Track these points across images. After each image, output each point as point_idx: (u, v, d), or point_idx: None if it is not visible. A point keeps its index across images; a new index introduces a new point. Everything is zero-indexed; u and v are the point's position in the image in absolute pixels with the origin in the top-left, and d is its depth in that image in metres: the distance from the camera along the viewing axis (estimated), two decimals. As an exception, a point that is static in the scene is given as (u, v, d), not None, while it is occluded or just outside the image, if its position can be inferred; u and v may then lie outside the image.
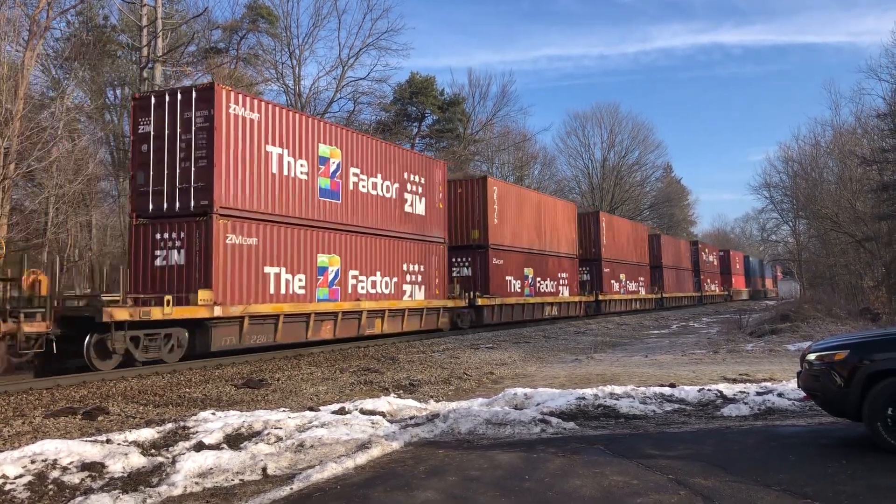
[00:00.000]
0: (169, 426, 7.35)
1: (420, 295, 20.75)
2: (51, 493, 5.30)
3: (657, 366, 13.53)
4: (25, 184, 24.90)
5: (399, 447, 6.65)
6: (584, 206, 61.74)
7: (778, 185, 49.53)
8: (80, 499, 5.06)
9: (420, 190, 21.23)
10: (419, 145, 46.92)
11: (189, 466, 5.80)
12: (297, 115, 16.75)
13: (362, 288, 18.26)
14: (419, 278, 20.85)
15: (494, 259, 25.33)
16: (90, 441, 6.52)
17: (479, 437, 7.10)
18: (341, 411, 8.17)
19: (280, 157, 15.74)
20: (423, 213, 21.38)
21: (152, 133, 14.67)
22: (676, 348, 17.54)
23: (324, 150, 17.12)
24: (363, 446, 6.51)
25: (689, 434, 7.12)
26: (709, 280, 60.16)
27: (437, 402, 9.09)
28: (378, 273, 18.92)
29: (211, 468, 5.85)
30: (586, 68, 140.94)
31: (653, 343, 19.93)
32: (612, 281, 37.76)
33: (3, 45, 23.07)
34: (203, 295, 13.48)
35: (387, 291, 19.27)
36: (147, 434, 6.98)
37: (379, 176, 19.31)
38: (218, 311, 13.69)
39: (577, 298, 33.31)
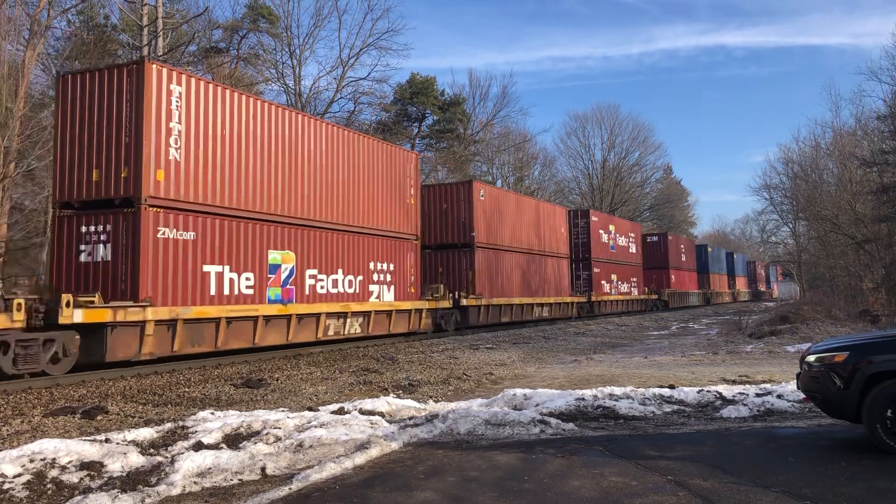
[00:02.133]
0: (168, 426, 7.34)
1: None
2: (49, 492, 5.29)
3: (657, 367, 13.53)
4: (25, 183, 24.90)
5: (398, 447, 6.65)
6: (585, 207, 61.69)
7: (778, 187, 49.57)
8: (78, 498, 5.05)
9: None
10: (419, 145, 46.91)
11: (188, 466, 5.79)
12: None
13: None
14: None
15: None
16: (89, 440, 6.51)
17: (478, 438, 7.10)
18: (340, 411, 8.16)
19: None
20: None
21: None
22: (676, 349, 17.53)
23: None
24: (362, 446, 6.50)
25: (688, 435, 7.12)
26: (615, 276, 38.51)
27: (436, 402, 9.09)
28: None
29: (210, 468, 5.84)
30: (589, 69, 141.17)
31: (652, 344, 19.92)
32: (307, 276, 16.25)
33: (4, 45, 23.09)
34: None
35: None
36: (146, 433, 6.97)
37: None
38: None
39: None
